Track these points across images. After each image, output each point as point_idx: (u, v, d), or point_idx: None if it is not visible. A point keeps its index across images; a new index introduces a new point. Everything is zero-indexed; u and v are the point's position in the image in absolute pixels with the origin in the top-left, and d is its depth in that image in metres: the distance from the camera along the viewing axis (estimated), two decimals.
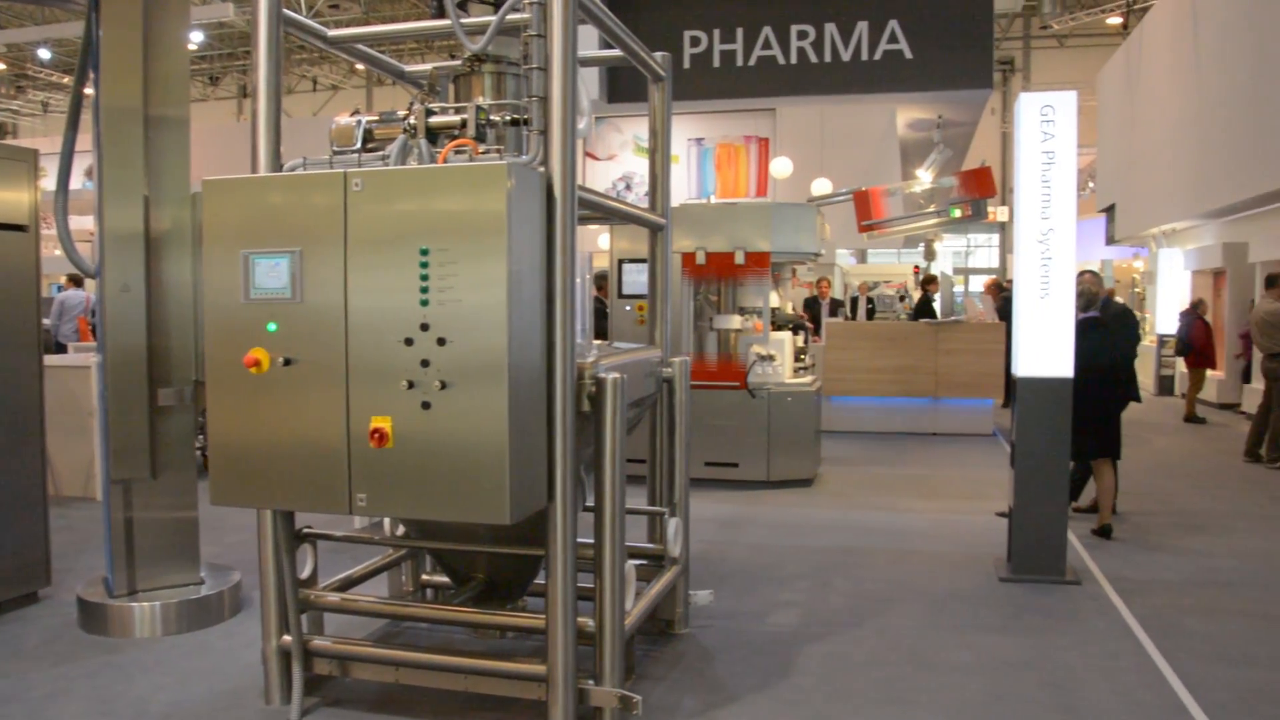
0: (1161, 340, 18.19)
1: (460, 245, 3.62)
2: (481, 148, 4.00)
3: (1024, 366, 6.44)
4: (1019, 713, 4.47)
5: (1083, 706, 4.54)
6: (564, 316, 3.89)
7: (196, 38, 27.78)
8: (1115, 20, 28.81)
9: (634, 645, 4.82)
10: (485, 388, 3.61)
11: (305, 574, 4.52)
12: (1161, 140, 19.14)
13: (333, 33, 4.85)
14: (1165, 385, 17.97)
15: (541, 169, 3.88)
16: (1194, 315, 14.78)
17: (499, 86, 4.45)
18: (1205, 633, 5.53)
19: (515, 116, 4.18)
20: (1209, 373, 15.25)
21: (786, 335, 9.93)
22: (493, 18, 4.14)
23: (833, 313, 15.48)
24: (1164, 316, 18.85)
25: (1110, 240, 25.06)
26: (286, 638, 4.40)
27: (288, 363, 3.83)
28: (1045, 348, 6.39)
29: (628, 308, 9.46)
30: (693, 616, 5.58)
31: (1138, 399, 8.12)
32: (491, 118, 4.17)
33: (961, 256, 37.31)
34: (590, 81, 10.20)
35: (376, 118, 4.28)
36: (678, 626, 5.43)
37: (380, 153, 4.14)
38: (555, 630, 4.02)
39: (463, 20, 4.30)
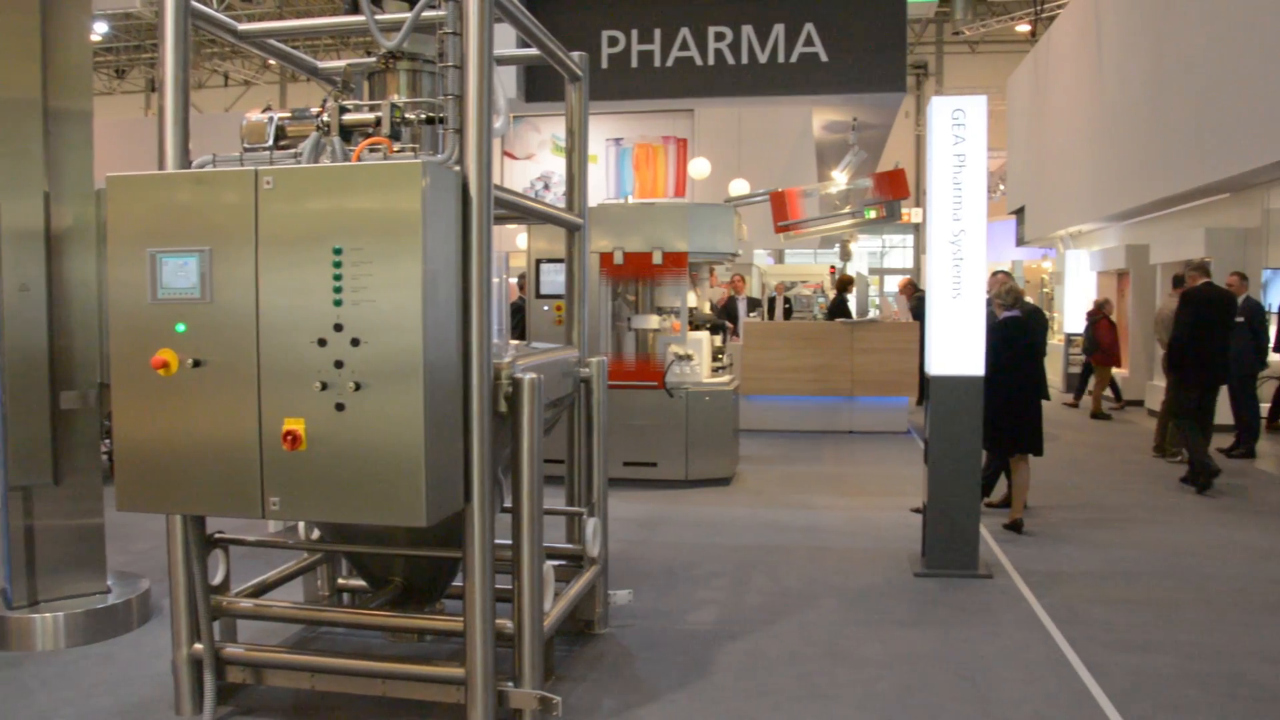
0: (1069, 339, 18.67)
1: (374, 245, 3.57)
2: (396, 146, 3.96)
3: (936, 365, 6.55)
4: (933, 704, 4.55)
5: (993, 696, 4.64)
6: (480, 317, 3.86)
7: (101, 28, 27.01)
8: (1024, 28, 29.58)
9: (553, 646, 4.80)
10: (400, 389, 3.57)
11: (217, 580, 4.42)
12: (1068, 145, 19.67)
13: (243, 27, 4.75)
14: (1073, 383, 18.44)
15: (457, 168, 3.85)
16: (1100, 315, 15.20)
17: (414, 84, 4.40)
18: (1109, 621, 5.69)
19: (431, 115, 4.14)
20: (1114, 370, 15.69)
21: (704, 335, 9.99)
22: (408, 14, 4.09)
23: (750, 311, 15.60)
24: (1071, 316, 19.34)
25: (1020, 242, 25.69)
26: (198, 646, 4.30)
27: (197, 364, 3.74)
28: (957, 347, 6.51)
29: (545, 308, 9.44)
30: (612, 616, 5.58)
31: (1047, 396, 8.33)
32: (407, 116, 4.12)
33: (877, 257, 37.92)
34: (507, 80, 10.14)
35: (289, 115, 4.21)
36: (597, 626, 5.42)
37: (292, 150, 4.07)
38: (473, 632, 3.99)
39: (377, 16, 4.25)
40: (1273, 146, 10.72)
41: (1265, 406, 12.60)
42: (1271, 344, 12.15)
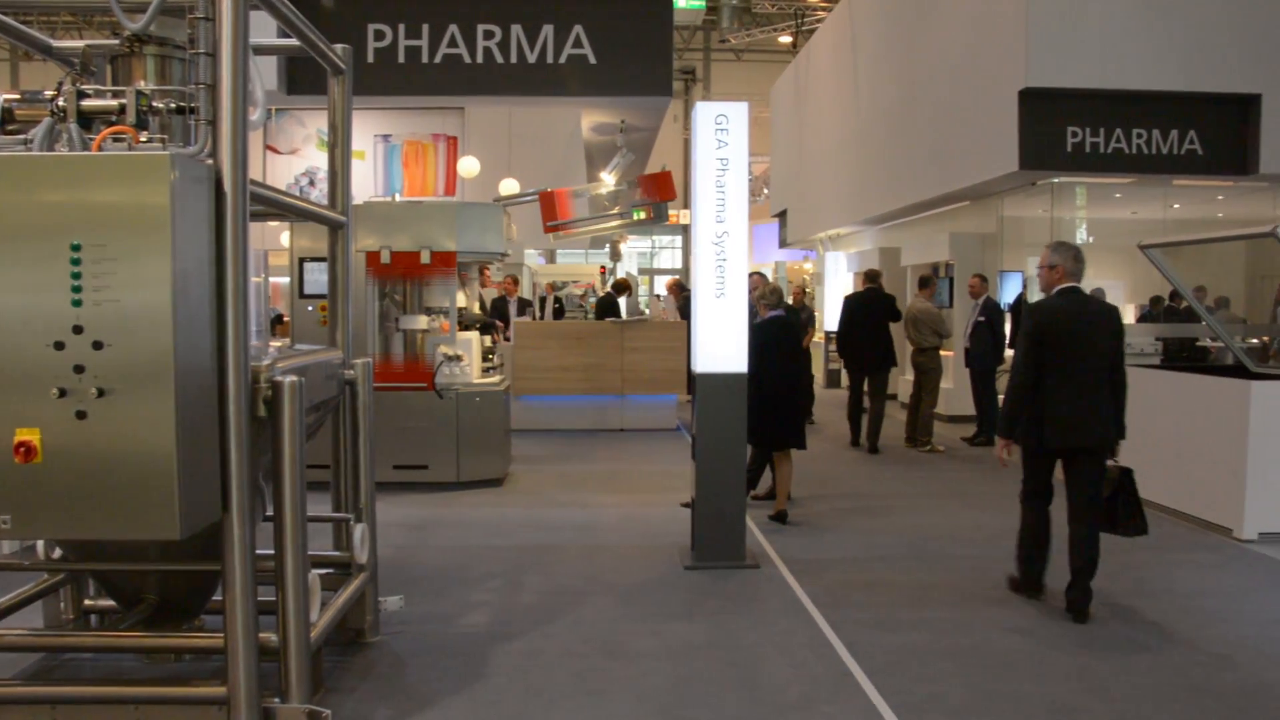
0: (829, 337, 19.54)
1: (118, 241, 3.35)
2: (143, 136, 3.72)
3: (702, 363, 6.73)
4: (704, 693, 4.67)
5: (761, 681, 4.81)
6: (236, 318, 3.68)
7: None
8: (786, 39, 30.85)
9: (322, 657, 4.64)
10: (149, 394, 3.36)
11: None
12: (826, 152, 20.61)
13: None
14: (833, 378, 19.34)
15: (210, 161, 3.66)
16: None
17: (163, 71, 4.15)
18: (867, 603, 6.00)
19: (181, 104, 3.92)
20: None
21: (474, 335, 9.91)
22: None
23: (521, 312, 15.60)
24: (831, 315, 20.25)
25: (783, 244, 26.70)
26: None
27: None
28: (722, 345, 6.70)
29: (310, 308, 9.12)
30: (384, 623, 5.46)
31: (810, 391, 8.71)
32: (154, 104, 3.88)
33: (647, 257, 38.65)
34: (267, 71, 9.72)
35: (18, 96, 3.88)
36: (368, 635, 5.29)
37: (22, 136, 3.76)
38: (235, 648, 3.80)
39: None
40: (1005, 160, 11.62)
41: (1003, 398, 13.59)
42: (1008, 340, 13.15)
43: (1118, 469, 5.88)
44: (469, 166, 14.06)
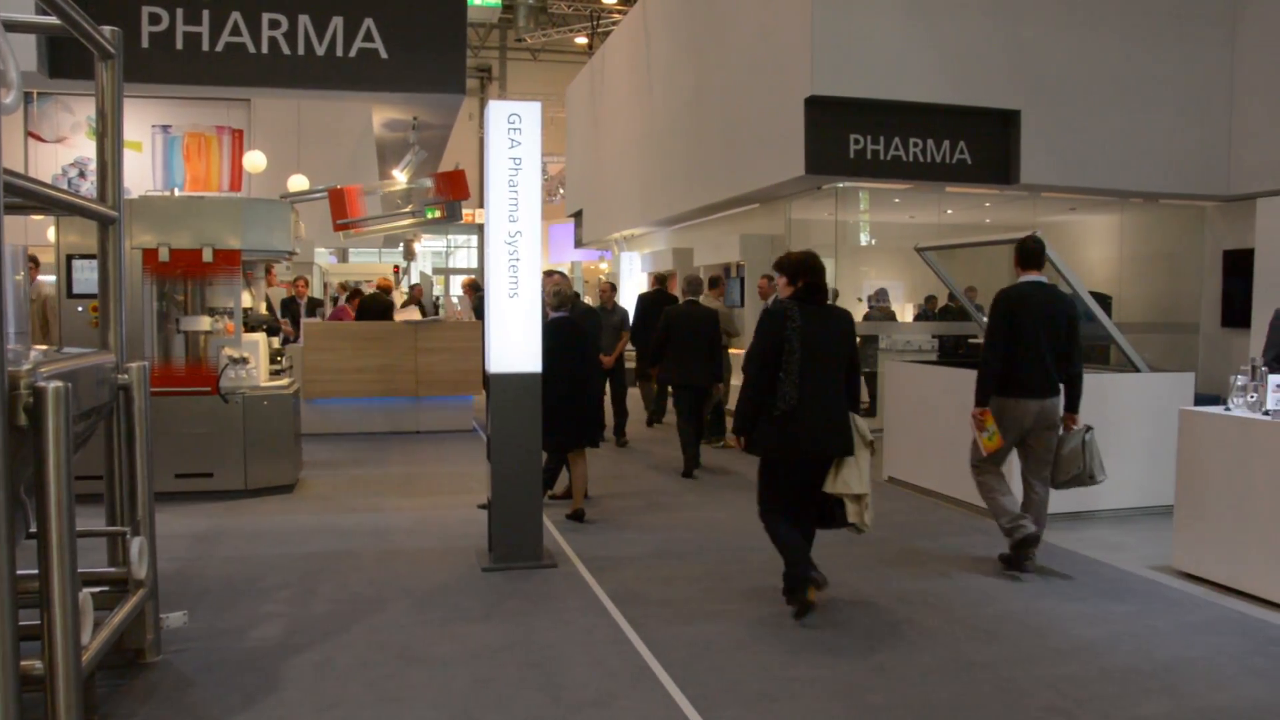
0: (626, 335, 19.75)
1: None
2: None
3: (496, 363, 6.69)
4: (504, 695, 4.64)
5: (562, 680, 4.82)
6: None
7: None
8: (582, 40, 31.04)
9: (95, 683, 4.38)
10: None
11: None
12: (620, 154, 20.85)
13: None
14: (630, 377, 19.56)
15: None
16: None
17: None
18: (665, 599, 6.10)
19: None
20: None
21: (260, 336, 9.55)
22: None
23: (311, 312, 15.14)
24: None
25: (579, 243, 26.87)
26: None
27: None
28: (515, 345, 6.68)
29: (80, 308, 8.56)
30: (166, 641, 5.18)
31: (602, 392, 8.78)
32: None
33: (442, 257, 38.18)
34: (25, 50, 9.05)
35: None
36: (149, 654, 5.01)
37: None
38: None
39: None
40: (792, 164, 12.05)
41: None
42: None
43: (714, 400, 10.45)
44: (255, 161, 13.55)
